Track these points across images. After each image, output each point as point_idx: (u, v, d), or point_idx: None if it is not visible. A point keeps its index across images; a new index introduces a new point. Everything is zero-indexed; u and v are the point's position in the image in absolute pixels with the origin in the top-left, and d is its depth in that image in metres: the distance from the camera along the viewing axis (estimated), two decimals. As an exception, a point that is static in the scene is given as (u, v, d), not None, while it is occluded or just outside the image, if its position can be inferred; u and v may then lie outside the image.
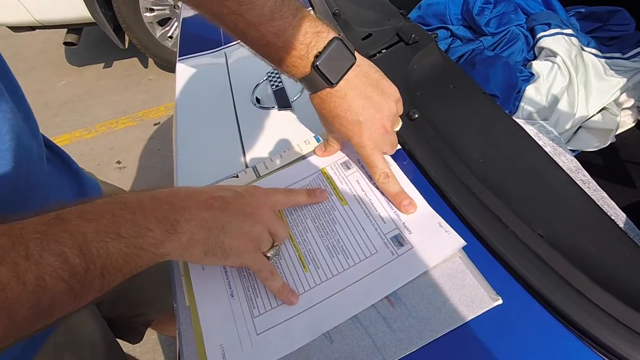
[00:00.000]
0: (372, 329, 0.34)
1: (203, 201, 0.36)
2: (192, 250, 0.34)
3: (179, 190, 0.37)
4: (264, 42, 0.41)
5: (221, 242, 0.35)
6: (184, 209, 0.34)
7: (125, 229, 0.31)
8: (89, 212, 0.30)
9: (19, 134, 0.40)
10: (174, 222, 0.33)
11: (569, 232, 0.37)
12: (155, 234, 0.32)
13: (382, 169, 0.42)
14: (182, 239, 0.33)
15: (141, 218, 0.32)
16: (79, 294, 0.28)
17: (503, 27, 0.87)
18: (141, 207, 0.32)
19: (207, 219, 0.35)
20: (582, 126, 0.89)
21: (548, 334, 0.31)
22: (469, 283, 0.34)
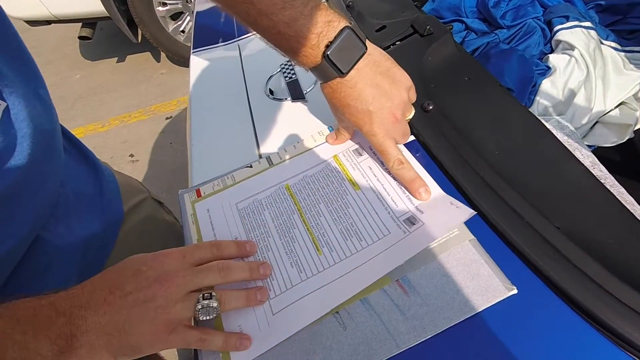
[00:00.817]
0: (385, 316, 0.34)
1: (100, 303, 0.32)
2: (97, 357, 0.32)
3: (79, 291, 0.33)
4: (275, 31, 0.41)
5: (125, 342, 0.32)
6: (81, 319, 0.31)
7: (11, 353, 0.29)
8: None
9: (37, 121, 0.40)
10: (70, 337, 0.31)
11: (586, 224, 0.37)
12: (46, 358, 0.30)
13: (395, 155, 0.42)
14: (81, 352, 0.31)
15: (31, 340, 0.30)
16: None
17: (519, 19, 0.86)
18: (35, 324, 0.30)
19: (105, 325, 0.32)
20: (599, 121, 0.87)
21: (563, 324, 0.31)
22: (483, 272, 0.34)
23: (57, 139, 0.46)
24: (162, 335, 0.33)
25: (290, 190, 0.46)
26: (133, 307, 0.32)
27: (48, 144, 0.43)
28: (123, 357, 0.33)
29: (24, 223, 0.40)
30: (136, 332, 0.32)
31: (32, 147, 0.39)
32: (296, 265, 0.40)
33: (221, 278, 0.36)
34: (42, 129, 0.41)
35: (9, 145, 0.37)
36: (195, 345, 0.35)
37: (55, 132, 0.46)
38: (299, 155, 0.50)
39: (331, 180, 0.46)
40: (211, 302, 0.34)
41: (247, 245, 0.41)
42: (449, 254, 0.36)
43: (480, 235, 0.37)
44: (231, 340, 0.35)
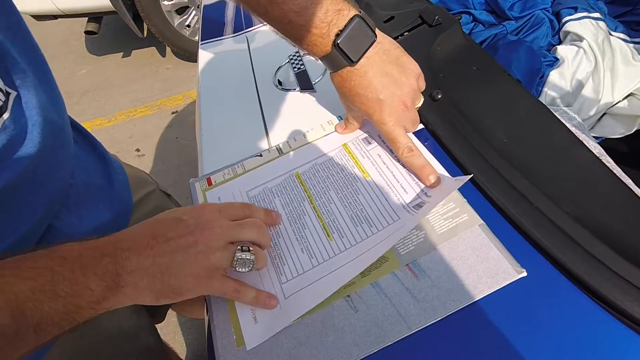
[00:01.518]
0: (396, 299, 0.35)
1: (144, 246, 0.34)
2: (141, 298, 0.34)
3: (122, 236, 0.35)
4: (286, 21, 0.41)
5: (168, 284, 0.34)
6: (125, 260, 0.33)
7: (62, 287, 0.29)
8: (26, 269, 0.29)
9: (47, 111, 0.41)
10: (116, 276, 0.32)
11: (595, 209, 0.37)
12: (96, 291, 0.31)
13: (405, 143, 0.43)
14: (126, 290, 0.33)
15: (80, 276, 0.31)
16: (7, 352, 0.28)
17: (527, 11, 0.86)
18: (81, 263, 0.31)
19: (149, 267, 0.33)
20: (606, 112, 0.87)
21: (573, 305, 0.31)
22: (492, 256, 0.35)
23: (66, 129, 0.47)
24: (202, 279, 0.35)
25: (300, 178, 0.47)
26: (176, 251, 0.34)
27: (58, 133, 0.44)
28: (165, 299, 0.34)
29: (36, 211, 0.41)
30: (178, 275, 0.34)
31: (43, 136, 0.40)
32: (307, 251, 0.40)
33: (257, 235, 0.38)
34: (52, 119, 0.42)
35: (20, 133, 0.37)
36: (230, 295, 0.37)
37: (64, 122, 0.47)
38: (309, 144, 0.51)
39: (341, 167, 0.47)
40: (248, 254, 0.36)
41: (274, 214, 0.43)
42: (458, 238, 0.37)
43: (489, 220, 0.38)
44: (261, 297, 0.37)
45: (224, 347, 0.36)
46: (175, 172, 1.87)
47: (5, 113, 0.35)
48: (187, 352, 1.28)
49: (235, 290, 0.37)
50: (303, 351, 0.34)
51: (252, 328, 0.36)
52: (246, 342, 0.35)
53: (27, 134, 0.38)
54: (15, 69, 0.38)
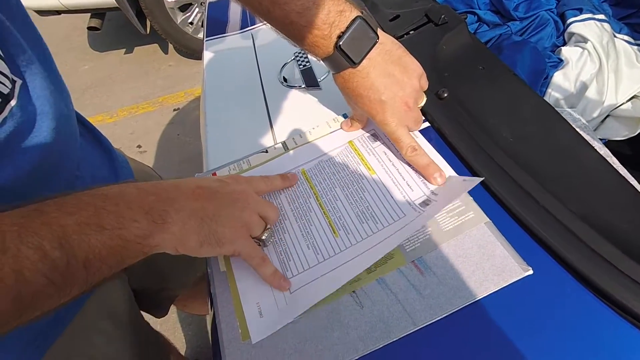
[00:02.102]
0: (401, 295, 0.35)
1: (190, 192, 0.35)
2: (186, 240, 0.34)
3: (162, 182, 0.36)
4: (288, 21, 0.41)
5: (214, 230, 0.35)
6: (172, 200, 0.33)
7: (108, 220, 0.30)
8: (69, 205, 0.29)
9: (53, 100, 0.41)
10: (162, 212, 0.32)
11: (601, 209, 0.37)
12: (142, 224, 0.31)
13: (408, 143, 0.43)
14: (173, 228, 0.33)
15: (125, 209, 0.31)
16: (61, 287, 0.28)
17: (532, 11, 0.86)
18: (125, 198, 0.32)
19: (197, 209, 0.34)
20: (610, 114, 0.87)
21: (579, 304, 0.32)
22: (499, 253, 0.35)
23: (72, 120, 0.47)
24: (242, 234, 0.37)
25: (306, 174, 0.47)
26: (222, 200, 0.36)
27: (65, 123, 0.44)
28: (207, 246, 0.35)
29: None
30: (225, 223, 0.35)
31: (50, 125, 0.40)
32: (313, 247, 0.41)
33: (274, 220, 0.41)
34: (59, 108, 0.42)
35: (28, 121, 0.37)
36: (255, 261, 0.38)
37: (70, 112, 0.47)
38: (315, 141, 0.51)
39: (347, 165, 0.47)
40: (273, 235, 0.41)
41: (290, 175, 0.46)
42: (464, 235, 0.37)
43: (495, 218, 0.38)
44: (277, 275, 0.38)
45: (229, 341, 0.36)
46: (176, 169, 1.88)
47: (13, 100, 0.35)
48: (186, 348, 1.28)
49: (262, 258, 0.38)
50: (308, 346, 0.34)
51: (258, 322, 0.36)
52: (251, 336, 0.36)
53: (35, 123, 0.38)
54: (21, 58, 0.38)
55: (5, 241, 0.25)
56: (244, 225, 0.37)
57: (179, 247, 0.34)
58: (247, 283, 0.39)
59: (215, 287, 0.40)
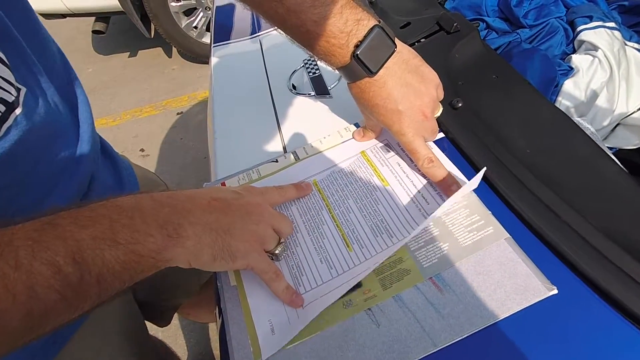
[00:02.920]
0: (420, 314, 0.34)
1: (205, 204, 0.34)
2: (200, 255, 0.33)
3: (177, 192, 0.35)
4: (304, 30, 0.40)
5: (228, 244, 0.34)
6: (187, 212, 0.33)
7: (122, 235, 0.29)
8: (83, 217, 0.29)
9: (61, 110, 0.40)
10: (177, 225, 0.32)
11: (623, 223, 0.36)
12: (157, 239, 0.30)
13: (425, 154, 0.42)
14: (188, 243, 0.32)
15: (140, 223, 0.30)
16: (73, 303, 0.28)
17: (542, 19, 0.85)
18: (140, 210, 0.31)
19: (212, 222, 0.33)
20: (620, 123, 0.86)
21: (607, 325, 0.30)
22: (521, 271, 0.34)
23: (84, 128, 0.46)
24: (255, 248, 0.36)
25: (318, 185, 0.46)
26: (237, 213, 0.35)
27: (67, 131, 0.43)
28: (220, 260, 0.34)
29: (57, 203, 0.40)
30: (238, 236, 0.35)
31: (52, 136, 0.39)
32: (326, 262, 0.40)
33: (287, 234, 0.40)
34: (62, 117, 0.41)
35: (33, 130, 0.36)
36: (268, 276, 0.37)
37: (84, 121, 0.47)
38: (326, 151, 0.50)
39: (359, 176, 0.46)
40: (286, 249, 0.40)
41: (303, 184, 0.45)
42: (484, 252, 0.36)
43: (515, 233, 0.37)
44: (290, 291, 0.37)
45: (241, 359, 0.35)
46: (180, 173, 1.87)
47: (18, 108, 0.34)
48: (188, 356, 1.27)
49: (276, 273, 0.37)
50: (323, 365, 0.33)
51: (270, 339, 0.35)
52: (262, 354, 0.34)
53: (38, 131, 0.37)
54: (27, 65, 0.37)
55: (18, 257, 0.25)
56: (257, 239, 0.36)
57: (192, 262, 0.33)
58: (259, 298, 0.38)
59: (225, 302, 0.39)
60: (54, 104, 0.40)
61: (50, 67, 0.42)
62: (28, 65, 0.37)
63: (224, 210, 0.35)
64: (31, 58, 0.38)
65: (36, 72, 0.38)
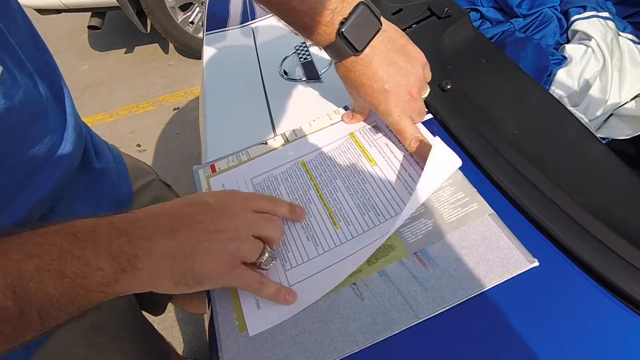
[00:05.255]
0: (404, 287, 0.34)
1: (168, 227, 0.32)
2: (158, 283, 0.31)
3: (140, 214, 0.33)
4: (289, 7, 0.40)
5: (190, 270, 0.31)
6: (145, 240, 0.30)
7: (70, 267, 0.27)
8: (33, 245, 0.27)
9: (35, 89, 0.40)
10: (132, 257, 0.30)
11: (608, 202, 0.37)
12: (107, 273, 0.29)
13: (412, 134, 0.42)
14: (142, 274, 0.30)
15: (92, 254, 0.28)
16: (11, 337, 0.26)
17: (536, 8, 0.85)
18: (94, 241, 0.29)
19: (172, 249, 0.31)
20: (613, 113, 0.86)
21: (587, 297, 0.30)
22: (503, 245, 0.34)
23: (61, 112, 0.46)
24: (226, 269, 0.33)
25: (307, 166, 0.46)
26: (202, 235, 0.32)
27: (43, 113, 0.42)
28: (183, 286, 0.32)
29: (28, 199, 0.39)
30: (203, 260, 0.32)
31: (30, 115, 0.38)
32: (312, 239, 0.40)
33: (277, 237, 0.37)
34: (40, 97, 0.40)
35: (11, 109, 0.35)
36: (250, 289, 0.35)
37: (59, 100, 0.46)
38: (315, 133, 0.50)
39: (348, 156, 0.46)
40: (274, 254, 0.36)
41: (298, 209, 0.41)
42: (468, 227, 0.36)
43: (500, 210, 0.37)
44: (281, 293, 0.35)
45: (226, 333, 0.35)
46: (176, 168, 1.87)
47: None
48: (184, 348, 1.27)
49: (259, 283, 0.35)
50: (307, 338, 0.33)
51: (255, 314, 0.35)
52: (249, 328, 0.34)
53: (18, 111, 0.37)
54: (3, 45, 0.36)
55: None
56: (227, 259, 0.33)
57: (151, 289, 0.32)
58: None
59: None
60: (34, 86, 0.39)
61: (29, 51, 0.41)
62: (4, 45, 0.36)
63: (187, 232, 0.32)
64: (7, 39, 0.37)
65: (13, 52, 0.37)
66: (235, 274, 0.34)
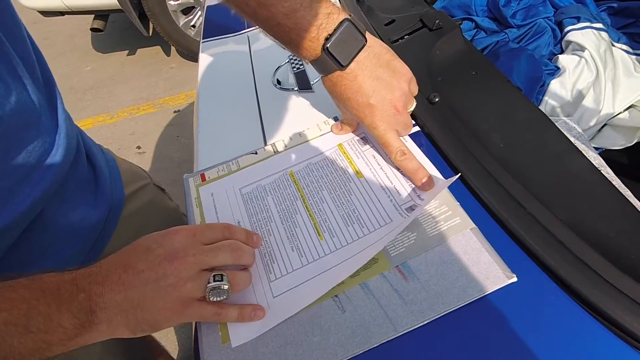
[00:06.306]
0: (384, 300, 0.34)
1: (115, 281, 0.33)
2: (117, 333, 0.33)
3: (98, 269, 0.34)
4: (275, 23, 0.40)
5: (142, 319, 0.33)
6: (99, 296, 0.32)
7: (35, 322, 0.29)
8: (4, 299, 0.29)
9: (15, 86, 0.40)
10: (90, 313, 0.31)
11: (590, 218, 0.37)
12: (67, 329, 0.31)
13: (397, 147, 0.42)
14: (100, 328, 0.32)
15: (55, 311, 0.30)
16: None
17: (530, 19, 0.86)
18: (58, 298, 0.31)
19: (121, 302, 0.32)
20: (607, 124, 0.86)
21: (563, 313, 0.31)
22: (483, 260, 0.34)
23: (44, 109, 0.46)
24: (177, 310, 0.33)
25: (294, 176, 0.47)
26: (146, 285, 0.33)
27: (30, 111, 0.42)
28: (141, 332, 0.33)
29: (23, 199, 0.40)
30: (151, 308, 0.33)
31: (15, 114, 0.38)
32: (297, 250, 0.40)
33: (233, 259, 0.36)
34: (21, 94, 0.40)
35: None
36: (211, 320, 0.35)
37: (65, 116, 0.47)
38: (304, 143, 0.50)
39: (335, 167, 0.46)
40: (222, 284, 0.34)
41: (255, 237, 0.40)
42: (450, 241, 0.36)
43: (482, 224, 0.37)
44: (246, 313, 0.35)
45: (209, 344, 0.35)
46: (175, 170, 1.88)
47: None
48: (179, 351, 1.27)
49: (216, 314, 0.35)
50: (288, 350, 0.33)
51: (238, 325, 0.36)
52: (231, 339, 0.35)
53: (9, 119, 0.37)
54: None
55: None
56: (175, 302, 0.33)
57: (113, 337, 0.34)
58: None
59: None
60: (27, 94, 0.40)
61: (23, 57, 0.42)
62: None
63: (132, 284, 0.33)
64: (5, 45, 0.38)
65: (6, 60, 0.38)
66: (189, 312, 0.34)
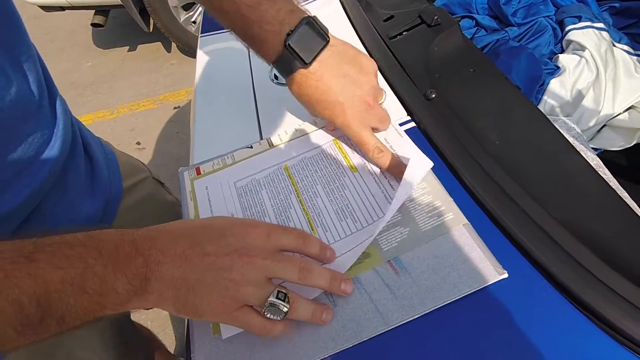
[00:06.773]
0: (375, 295, 0.34)
1: (179, 254, 0.31)
2: (162, 306, 0.32)
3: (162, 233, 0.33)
4: (239, 15, 0.41)
5: (192, 304, 0.31)
6: (157, 264, 0.31)
7: (91, 284, 0.29)
8: (61, 256, 0.29)
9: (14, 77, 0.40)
10: (144, 280, 0.31)
11: (583, 216, 0.37)
12: (120, 295, 0.30)
13: (373, 144, 0.42)
14: (150, 298, 0.31)
15: (110, 274, 0.30)
16: (30, 338, 0.28)
17: (531, 17, 0.85)
18: (115, 259, 0.30)
19: (177, 278, 0.31)
20: (606, 124, 0.86)
21: (553, 310, 0.31)
22: (475, 256, 0.34)
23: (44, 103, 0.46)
24: (227, 309, 0.32)
25: (289, 171, 0.47)
26: (208, 270, 0.31)
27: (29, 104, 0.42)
28: (184, 314, 0.33)
29: (21, 191, 0.40)
30: (204, 296, 0.31)
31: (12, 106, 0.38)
32: (290, 244, 0.40)
33: (299, 279, 0.33)
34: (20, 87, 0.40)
35: None
36: (256, 331, 0.33)
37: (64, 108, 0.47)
38: (300, 138, 0.50)
39: (330, 162, 0.46)
40: (283, 304, 0.32)
41: (328, 252, 0.37)
42: (442, 237, 0.36)
43: (475, 220, 0.37)
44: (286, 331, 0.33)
45: (200, 336, 0.35)
46: (175, 165, 1.87)
47: None
48: (176, 346, 1.27)
49: (263, 328, 0.32)
50: (278, 343, 0.33)
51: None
52: (222, 330, 0.35)
53: (9, 110, 0.37)
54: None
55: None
56: (229, 299, 0.31)
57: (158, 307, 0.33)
58: None
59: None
60: (27, 85, 0.40)
61: (22, 50, 0.42)
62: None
63: (194, 264, 0.31)
64: (2, 39, 0.38)
65: (7, 51, 0.38)
66: (237, 316, 0.32)
